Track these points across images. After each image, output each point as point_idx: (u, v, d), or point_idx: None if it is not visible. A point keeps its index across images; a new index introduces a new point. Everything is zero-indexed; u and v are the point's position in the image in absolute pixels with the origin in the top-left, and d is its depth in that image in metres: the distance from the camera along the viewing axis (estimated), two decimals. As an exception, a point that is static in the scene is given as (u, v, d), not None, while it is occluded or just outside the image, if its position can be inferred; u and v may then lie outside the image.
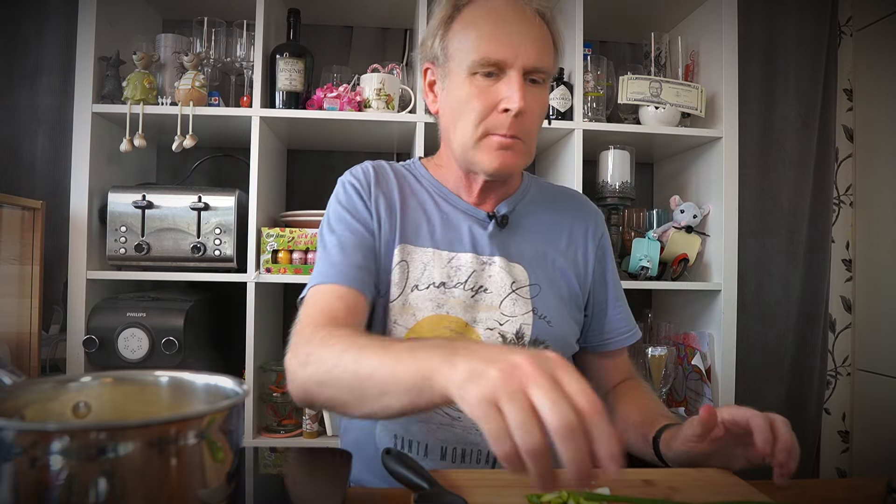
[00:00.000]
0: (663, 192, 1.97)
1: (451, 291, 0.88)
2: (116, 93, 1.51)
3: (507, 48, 0.80)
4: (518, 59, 0.80)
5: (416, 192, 0.94)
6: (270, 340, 1.74)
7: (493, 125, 0.83)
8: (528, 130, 0.84)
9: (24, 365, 1.41)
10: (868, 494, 0.69)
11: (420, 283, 0.88)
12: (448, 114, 0.88)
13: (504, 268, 0.90)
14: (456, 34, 0.85)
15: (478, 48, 0.81)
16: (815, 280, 1.99)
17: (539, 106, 0.85)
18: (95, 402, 0.52)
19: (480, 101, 0.82)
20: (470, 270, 0.89)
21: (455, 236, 0.91)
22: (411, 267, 0.88)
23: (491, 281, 0.90)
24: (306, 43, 1.66)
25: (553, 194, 1.03)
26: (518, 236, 0.94)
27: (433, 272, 0.88)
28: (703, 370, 1.64)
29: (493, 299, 0.89)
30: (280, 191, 1.86)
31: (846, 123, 2.08)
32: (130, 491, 0.39)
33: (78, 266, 1.47)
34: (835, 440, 2.07)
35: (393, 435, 0.87)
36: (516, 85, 0.80)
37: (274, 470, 0.75)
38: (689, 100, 1.64)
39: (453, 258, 0.90)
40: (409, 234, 0.90)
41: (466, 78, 0.83)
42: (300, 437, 1.57)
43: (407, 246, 0.89)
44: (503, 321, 0.89)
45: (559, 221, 0.99)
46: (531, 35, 0.82)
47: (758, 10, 1.97)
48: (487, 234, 0.91)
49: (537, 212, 0.98)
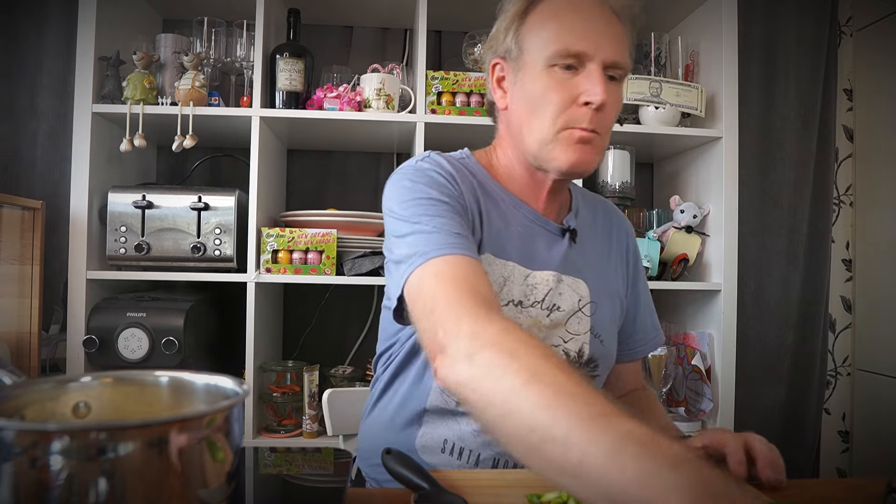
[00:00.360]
0: (663, 192, 1.97)
1: (527, 311, 0.84)
2: (116, 93, 1.51)
3: (588, 41, 0.78)
4: (599, 53, 0.78)
5: (490, 193, 0.87)
6: (270, 340, 1.74)
7: (573, 119, 0.79)
8: (606, 126, 0.81)
9: (24, 365, 1.41)
10: (868, 494, 0.69)
11: (500, 299, 0.83)
12: (521, 109, 0.83)
13: (572, 285, 0.88)
14: (532, 27, 0.82)
15: (558, 39, 0.78)
16: (815, 280, 1.99)
17: (616, 102, 0.82)
18: (95, 402, 0.52)
19: (559, 94, 0.79)
20: (547, 289, 0.86)
21: (534, 252, 0.86)
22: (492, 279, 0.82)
23: (562, 298, 0.87)
24: (306, 43, 1.66)
25: (593, 204, 1.00)
26: (581, 251, 0.91)
27: (512, 289, 0.84)
28: (702, 370, 1.64)
29: (562, 317, 0.87)
30: (280, 191, 1.86)
31: (846, 123, 2.08)
32: (130, 491, 0.39)
33: (78, 266, 1.47)
34: (835, 440, 2.07)
35: (443, 440, 0.85)
36: (597, 78, 0.77)
37: (274, 470, 0.75)
38: (689, 100, 1.64)
39: (529, 275, 0.85)
40: (493, 243, 0.84)
41: (544, 70, 0.80)
42: (300, 437, 1.57)
43: (489, 256, 0.83)
44: (567, 339, 0.87)
45: (604, 234, 0.97)
46: (611, 31, 0.79)
47: (758, 10, 1.97)
48: (563, 251, 0.88)
49: (588, 224, 0.95)
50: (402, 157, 1.95)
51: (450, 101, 1.58)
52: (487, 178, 0.88)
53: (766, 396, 1.96)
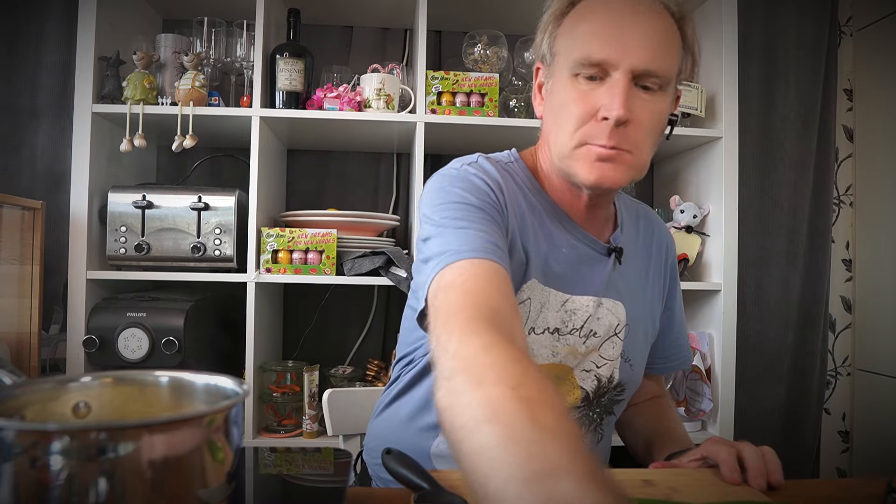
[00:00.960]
0: (663, 192, 1.97)
1: (565, 338, 0.80)
2: (116, 93, 1.51)
3: (613, 47, 0.69)
4: (625, 60, 0.69)
5: (536, 208, 0.80)
6: (270, 340, 1.74)
7: (591, 134, 0.72)
8: (634, 142, 0.72)
9: (24, 365, 1.41)
10: (868, 494, 0.69)
11: (537, 327, 0.79)
12: (549, 118, 0.78)
13: (612, 309, 0.83)
14: (565, 30, 0.75)
15: (582, 46, 0.71)
16: (815, 280, 1.99)
17: (650, 115, 0.72)
18: (95, 402, 0.52)
19: (579, 107, 0.72)
20: (587, 315, 0.81)
21: (576, 276, 0.80)
22: (532, 307, 0.78)
23: (599, 323, 0.82)
24: (306, 43, 1.66)
25: (636, 214, 0.94)
26: (623, 271, 0.86)
27: (548, 316, 0.79)
28: (703, 370, 1.64)
29: (597, 343, 0.83)
30: (280, 191, 1.86)
31: (846, 123, 2.08)
32: (130, 491, 0.39)
33: (78, 266, 1.47)
34: (835, 440, 2.07)
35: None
36: (619, 89, 0.69)
37: (274, 470, 0.75)
38: (689, 100, 1.64)
39: (568, 300, 0.80)
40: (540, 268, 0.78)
41: (569, 79, 0.73)
42: (300, 437, 1.57)
43: (536, 283, 0.78)
44: (600, 364, 0.84)
45: (645, 246, 0.92)
46: (649, 32, 0.70)
47: (758, 10, 1.97)
48: (606, 274, 0.83)
49: (632, 240, 0.90)
50: (402, 157, 1.95)
51: (450, 101, 1.58)
52: (533, 185, 0.82)
53: (766, 396, 1.96)
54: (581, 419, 0.85)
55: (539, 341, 0.78)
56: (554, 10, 0.77)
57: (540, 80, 0.82)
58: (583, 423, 0.85)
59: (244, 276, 1.51)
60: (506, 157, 0.85)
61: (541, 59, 0.80)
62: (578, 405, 0.85)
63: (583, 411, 0.86)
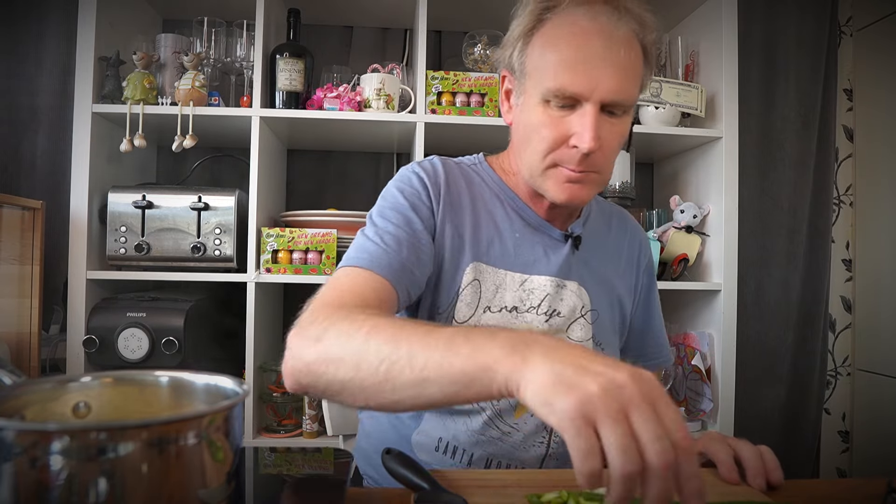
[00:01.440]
0: (663, 192, 1.97)
1: (523, 316, 0.84)
2: (116, 93, 1.51)
3: (584, 80, 0.74)
4: (595, 93, 0.74)
5: (487, 201, 0.88)
6: (270, 340, 1.74)
7: (562, 158, 0.78)
8: (601, 165, 0.79)
9: (24, 365, 1.41)
10: (868, 494, 0.69)
11: (492, 306, 0.84)
12: (520, 132, 0.83)
13: (576, 292, 0.87)
14: (535, 51, 0.79)
15: (555, 77, 0.75)
16: (815, 280, 1.99)
17: (616, 137, 0.79)
18: (95, 402, 0.52)
19: (551, 132, 0.77)
20: (544, 294, 0.85)
21: (530, 258, 0.86)
22: (483, 287, 0.84)
23: (563, 304, 0.86)
24: (306, 43, 1.66)
25: (608, 212, 0.99)
26: (586, 259, 0.90)
27: (505, 295, 0.84)
28: (703, 370, 1.64)
29: (563, 323, 0.86)
30: (280, 191, 1.86)
31: (846, 123, 2.08)
32: (130, 491, 0.39)
33: (78, 266, 1.47)
34: (835, 440, 2.07)
35: (437, 438, 0.84)
36: (590, 122, 0.74)
37: (274, 470, 0.75)
38: (689, 100, 1.64)
39: (526, 281, 0.85)
40: (482, 251, 0.85)
41: (540, 104, 0.78)
42: (300, 437, 1.57)
43: (479, 265, 0.84)
44: None
45: (616, 243, 0.96)
46: (616, 64, 0.74)
47: (758, 10, 1.97)
48: (563, 257, 0.87)
49: (599, 232, 0.94)
50: (403, 157, 1.95)
51: (450, 101, 1.58)
52: (497, 184, 0.89)
53: (766, 396, 1.96)
54: None
55: (494, 319, 0.83)
56: (523, 26, 0.79)
57: (507, 87, 0.86)
58: None
59: (244, 276, 1.51)
60: (471, 159, 0.93)
61: (509, 70, 0.84)
62: None
63: None
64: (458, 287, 0.83)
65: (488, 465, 0.84)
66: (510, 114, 0.86)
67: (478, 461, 0.84)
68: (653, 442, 0.41)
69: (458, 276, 0.83)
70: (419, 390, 0.53)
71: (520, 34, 0.80)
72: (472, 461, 0.84)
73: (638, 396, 0.43)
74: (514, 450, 0.84)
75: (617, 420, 0.41)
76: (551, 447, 0.85)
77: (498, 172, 0.91)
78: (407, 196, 0.83)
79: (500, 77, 0.88)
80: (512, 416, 0.83)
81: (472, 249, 0.84)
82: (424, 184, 0.84)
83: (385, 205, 0.82)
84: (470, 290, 0.83)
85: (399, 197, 0.83)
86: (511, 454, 0.84)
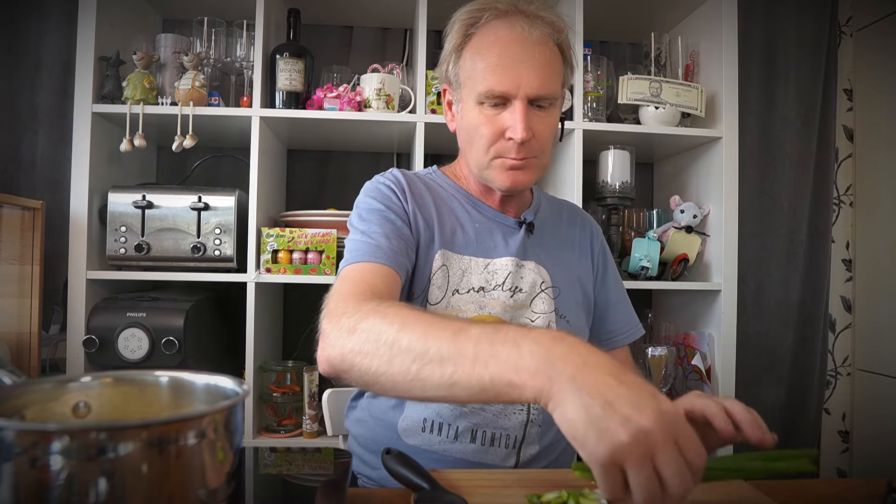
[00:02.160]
0: (663, 192, 1.97)
1: (490, 294, 0.92)
2: (116, 93, 1.51)
3: (509, 80, 0.85)
4: (521, 90, 0.85)
5: (446, 200, 0.98)
6: (270, 340, 1.74)
7: (502, 150, 0.89)
8: (538, 150, 0.89)
9: (24, 365, 1.41)
10: (868, 494, 0.69)
11: (460, 288, 0.92)
12: (464, 136, 0.94)
13: (534, 269, 0.96)
14: (465, 62, 0.90)
15: (483, 81, 0.86)
16: (815, 280, 1.99)
17: (547, 127, 0.89)
18: (95, 402, 0.52)
19: (488, 129, 0.88)
20: (507, 272, 0.93)
21: (490, 244, 0.95)
22: (451, 272, 0.92)
23: (524, 281, 0.95)
24: (306, 43, 1.66)
25: (559, 207, 1.09)
26: (541, 243, 1.00)
27: (471, 279, 0.92)
28: (703, 370, 1.64)
29: (525, 298, 0.94)
30: (280, 191, 1.86)
31: (846, 123, 2.08)
32: (130, 491, 0.39)
33: (78, 266, 1.47)
34: (835, 440, 2.07)
35: (422, 420, 0.88)
36: (520, 116, 0.85)
37: (274, 470, 0.75)
38: (689, 100, 1.64)
39: (489, 264, 0.94)
40: (448, 240, 0.94)
41: (476, 106, 0.89)
42: (300, 437, 1.57)
43: (446, 252, 0.93)
44: (534, 318, 0.94)
45: (568, 233, 1.06)
46: (535, 63, 0.85)
47: (758, 10, 1.97)
48: (520, 240, 0.96)
49: (551, 222, 1.04)
50: (402, 157, 1.95)
51: (450, 101, 1.58)
52: (452, 187, 1.00)
53: (766, 396, 1.96)
54: None
55: (464, 300, 0.91)
56: (453, 43, 0.91)
57: (449, 98, 0.97)
58: None
59: (244, 276, 1.51)
60: (426, 171, 1.04)
61: (447, 83, 0.96)
62: None
63: None
64: (429, 272, 0.91)
65: (474, 436, 0.88)
66: (453, 122, 0.97)
67: (464, 433, 0.88)
68: (674, 477, 0.46)
69: (429, 263, 0.91)
70: (448, 392, 0.57)
71: (451, 49, 0.92)
72: (459, 434, 0.88)
73: (662, 440, 0.46)
74: (496, 418, 0.89)
75: (642, 465, 0.46)
76: (532, 413, 0.90)
77: (451, 178, 1.02)
78: (380, 200, 0.92)
79: (441, 91, 0.99)
80: None
81: (440, 238, 0.93)
82: (391, 188, 0.94)
83: (361, 212, 0.91)
84: (440, 274, 0.91)
85: (373, 203, 0.92)
86: (494, 422, 0.88)
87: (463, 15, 0.91)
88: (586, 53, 1.66)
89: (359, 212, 0.92)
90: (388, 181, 0.96)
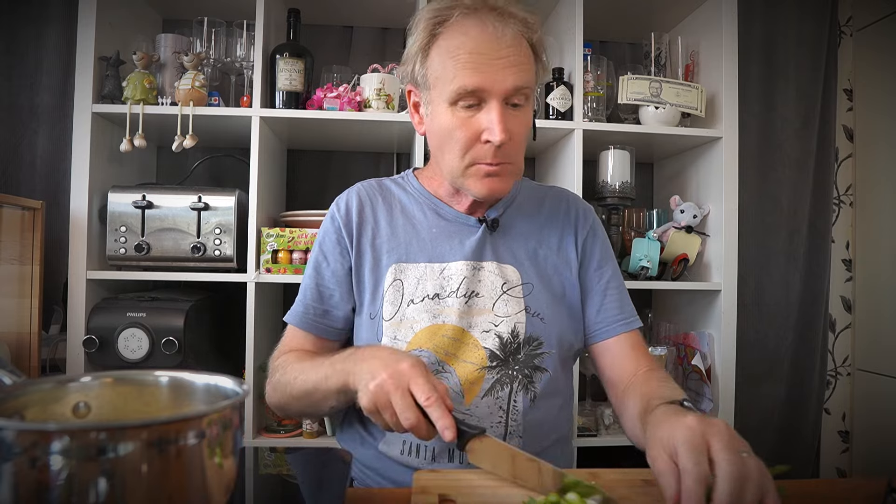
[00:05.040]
0: (663, 192, 1.97)
1: (444, 301, 0.90)
2: (116, 93, 1.51)
3: (483, 77, 0.81)
4: (496, 87, 0.81)
5: (406, 208, 0.97)
6: (270, 340, 1.73)
7: (478, 155, 0.84)
8: (513, 154, 0.86)
9: (24, 365, 1.41)
10: (868, 494, 0.69)
11: (415, 298, 0.90)
12: (434, 140, 0.90)
13: (494, 271, 0.92)
14: (433, 62, 0.85)
15: (455, 79, 0.81)
16: (815, 280, 1.99)
17: (523, 127, 0.86)
18: (95, 403, 0.52)
19: (463, 132, 0.83)
20: (461, 278, 0.91)
21: (446, 248, 0.93)
22: (405, 284, 0.91)
23: (482, 285, 0.91)
24: (306, 43, 1.66)
25: (542, 195, 1.03)
26: (509, 238, 0.96)
27: (426, 285, 0.91)
28: (703, 370, 1.64)
29: (485, 303, 0.91)
30: (280, 191, 1.86)
31: (846, 123, 2.08)
32: (130, 491, 0.39)
33: (78, 266, 1.47)
34: (835, 440, 2.07)
35: (402, 442, 0.88)
36: (496, 116, 0.81)
37: (274, 470, 0.75)
38: (689, 100, 1.64)
39: (444, 268, 0.92)
40: (402, 253, 0.93)
41: (447, 108, 0.84)
42: (300, 437, 1.57)
43: (400, 264, 0.92)
44: (497, 322, 0.90)
45: (550, 221, 1.00)
46: (508, 58, 0.81)
47: (758, 10, 1.97)
48: (477, 240, 0.93)
49: (528, 213, 0.99)
50: (402, 157, 1.95)
51: (450, 101, 1.58)
52: (418, 191, 0.98)
53: (766, 396, 1.96)
54: (501, 378, 0.89)
55: (418, 309, 0.90)
56: (419, 42, 0.87)
57: (415, 100, 0.93)
58: (504, 382, 0.89)
59: (244, 276, 1.51)
60: (400, 175, 1.04)
61: (413, 84, 0.91)
62: (489, 365, 0.88)
63: (499, 370, 0.89)
64: (382, 290, 0.92)
65: (451, 455, 0.87)
66: (422, 125, 0.93)
67: (440, 454, 0.87)
68: (403, 412, 0.67)
69: (381, 282, 0.93)
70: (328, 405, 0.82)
71: (417, 49, 0.87)
72: (436, 454, 0.87)
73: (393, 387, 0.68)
74: None
75: (386, 407, 0.69)
76: (510, 426, 0.88)
77: (422, 181, 0.99)
78: (320, 240, 0.98)
79: (406, 92, 0.94)
80: (463, 403, 0.87)
81: (394, 253, 0.93)
82: (336, 221, 0.96)
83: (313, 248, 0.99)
84: (392, 290, 0.91)
85: (317, 245, 0.98)
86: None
87: (428, 13, 0.86)
88: (586, 53, 1.66)
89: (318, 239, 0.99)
90: (335, 212, 0.97)
